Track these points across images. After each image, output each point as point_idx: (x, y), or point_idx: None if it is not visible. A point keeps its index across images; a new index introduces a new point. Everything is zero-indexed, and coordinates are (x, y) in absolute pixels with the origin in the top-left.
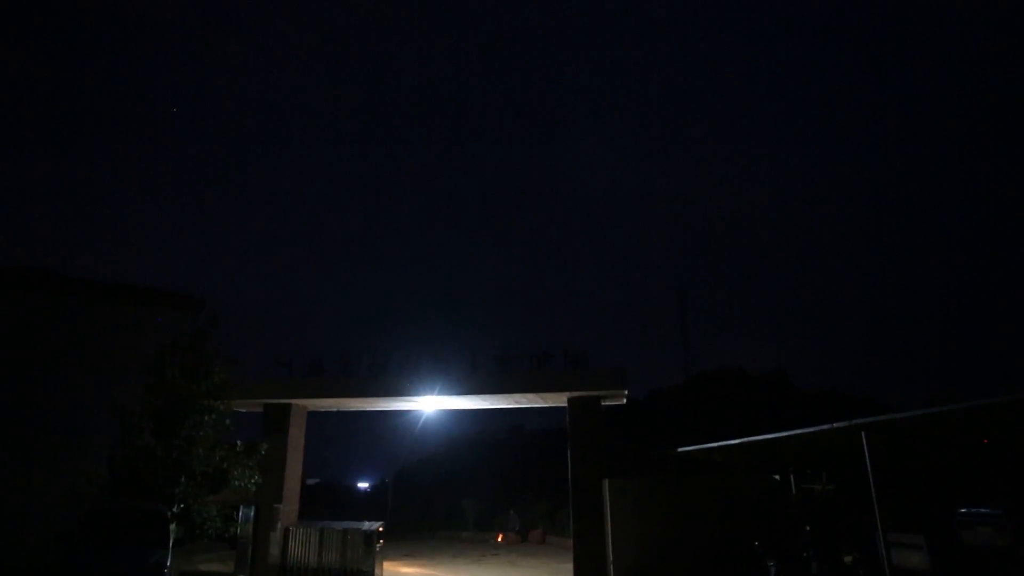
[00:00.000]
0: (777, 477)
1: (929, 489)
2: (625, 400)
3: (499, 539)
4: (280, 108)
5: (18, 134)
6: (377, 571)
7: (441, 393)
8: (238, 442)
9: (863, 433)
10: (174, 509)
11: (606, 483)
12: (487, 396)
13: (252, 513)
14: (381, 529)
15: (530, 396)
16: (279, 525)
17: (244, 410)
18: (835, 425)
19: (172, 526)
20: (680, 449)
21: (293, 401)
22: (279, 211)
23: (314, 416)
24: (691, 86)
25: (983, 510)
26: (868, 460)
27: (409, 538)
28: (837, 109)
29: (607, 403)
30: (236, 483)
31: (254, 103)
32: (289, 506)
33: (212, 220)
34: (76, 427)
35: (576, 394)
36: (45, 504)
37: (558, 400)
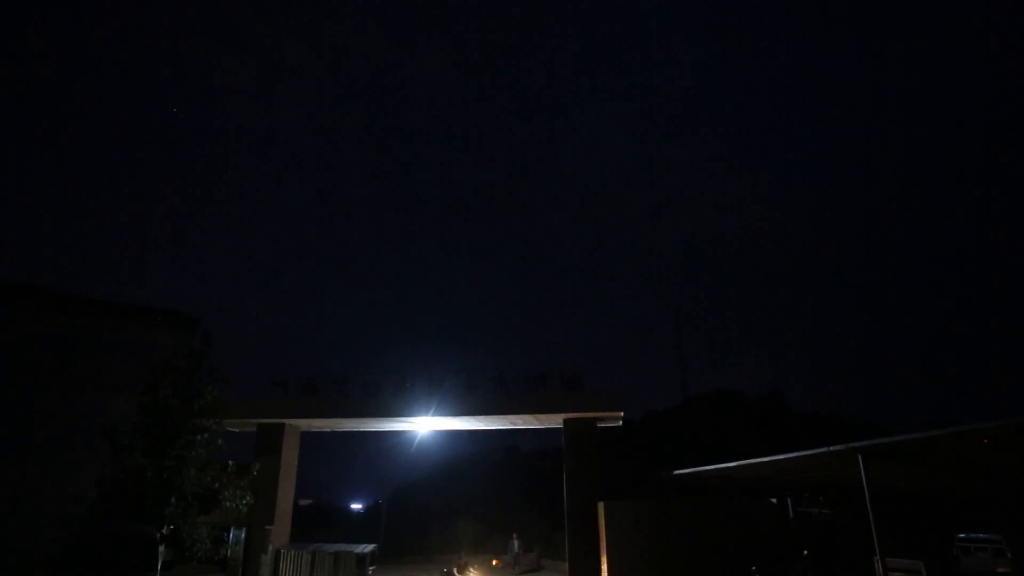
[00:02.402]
0: (775, 501)
1: (927, 514)
2: (621, 422)
3: (494, 563)
4: (278, 127)
5: (12, 150)
6: None
7: (436, 414)
8: (230, 462)
9: (860, 456)
10: (163, 531)
11: (601, 506)
12: (483, 417)
13: (243, 535)
14: (374, 551)
15: (526, 417)
16: (270, 547)
17: (237, 430)
18: (832, 448)
19: (161, 548)
20: (677, 472)
21: (287, 421)
22: (275, 231)
23: (307, 436)
24: (693, 109)
25: (981, 536)
26: (865, 484)
27: (403, 561)
28: (841, 130)
29: (603, 425)
30: (227, 504)
31: (253, 123)
32: (281, 528)
33: (208, 240)
34: (66, 446)
35: (572, 416)
36: (32, 526)
37: (554, 421)
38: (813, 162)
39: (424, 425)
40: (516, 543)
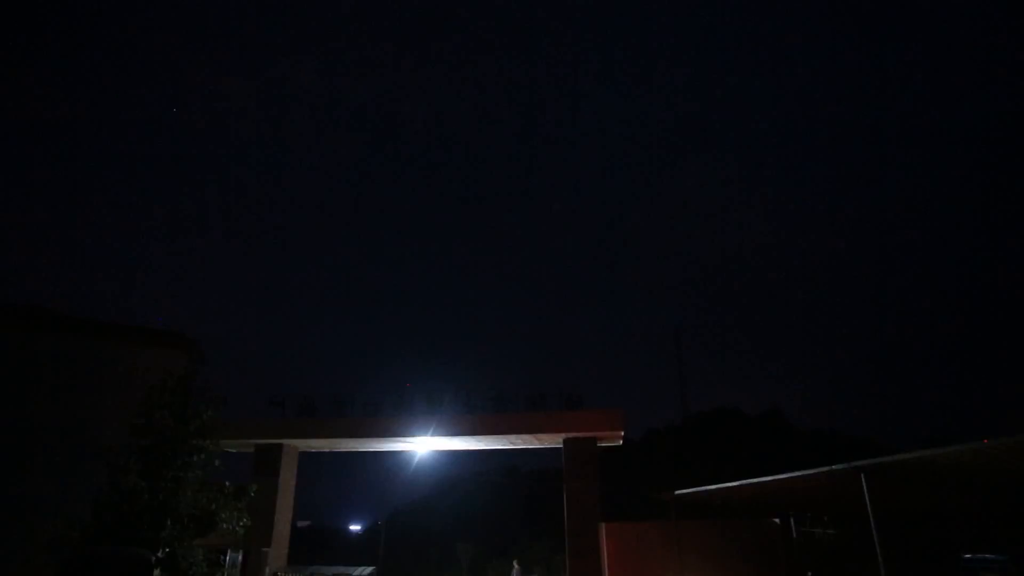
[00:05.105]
0: (777, 520)
1: (932, 534)
2: (621, 441)
3: None
4: (275, 142)
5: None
6: None
7: (435, 434)
8: (226, 483)
9: (862, 475)
10: (159, 554)
11: (603, 527)
12: (482, 437)
13: (240, 558)
14: (372, 574)
15: (526, 437)
16: (267, 570)
17: (234, 450)
18: (834, 467)
19: (156, 572)
20: (678, 492)
21: (284, 441)
22: (270, 248)
23: (306, 456)
24: (690, 123)
25: (988, 556)
26: (869, 503)
27: None
28: (841, 146)
29: (603, 444)
30: (224, 526)
31: (245, 140)
32: (278, 550)
33: (203, 258)
34: (61, 468)
35: (572, 435)
36: (24, 550)
37: (554, 441)
38: (812, 178)
39: (423, 445)
40: (516, 568)
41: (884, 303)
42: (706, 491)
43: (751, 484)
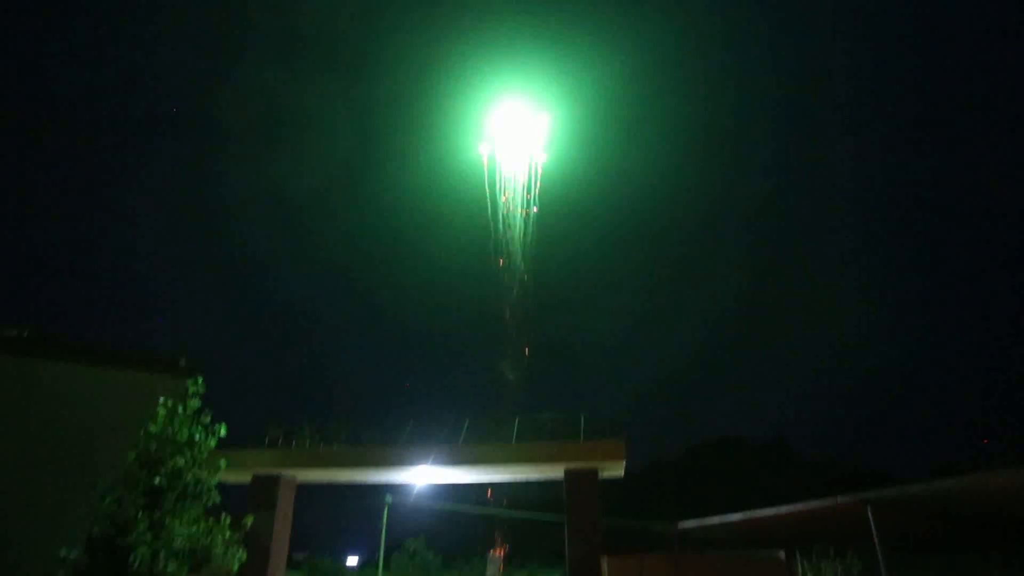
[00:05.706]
0: (782, 553)
1: (941, 565)
2: (623, 472)
3: None
4: (275, 142)
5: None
6: None
7: (434, 464)
8: (223, 515)
9: (868, 507)
10: None
11: (604, 560)
12: (482, 468)
13: None
14: None
15: (526, 468)
16: None
17: (231, 481)
18: (839, 500)
19: None
20: (681, 525)
21: (282, 472)
22: (272, 275)
23: (303, 487)
24: (694, 123)
25: None
26: (876, 536)
27: None
28: (837, 165)
29: (605, 475)
30: (219, 561)
31: (245, 139)
32: None
33: (200, 286)
34: (54, 500)
35: (573, 466)
36: None
37: (554, 472)
38: (810, 197)
39: (422, 476)
40: None
41: (891, 330)
42: (710, 524)
43: (755, 518)
